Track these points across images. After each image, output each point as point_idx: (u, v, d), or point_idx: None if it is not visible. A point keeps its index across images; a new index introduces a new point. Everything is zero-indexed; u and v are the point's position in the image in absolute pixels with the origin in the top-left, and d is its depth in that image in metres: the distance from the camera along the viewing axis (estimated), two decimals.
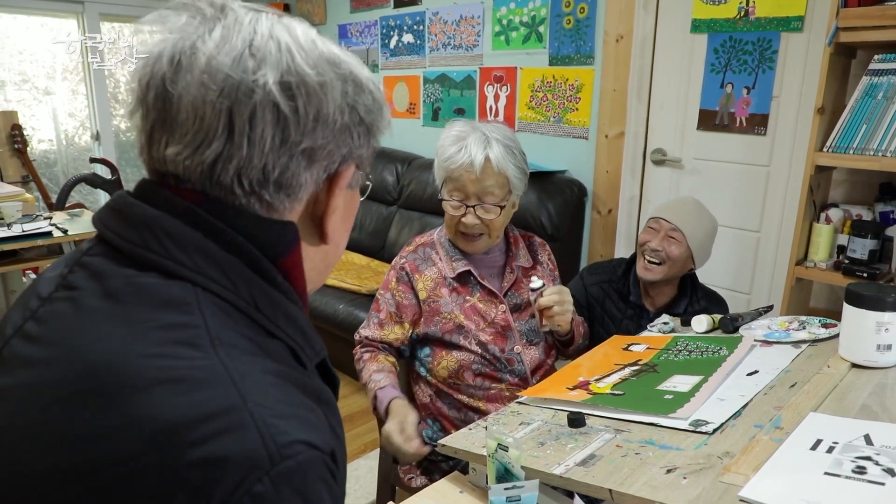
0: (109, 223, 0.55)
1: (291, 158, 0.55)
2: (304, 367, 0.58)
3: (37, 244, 2.56)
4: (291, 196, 0.57)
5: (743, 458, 0.90)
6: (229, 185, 0.54)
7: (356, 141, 0.60)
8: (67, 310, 0.52)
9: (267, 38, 0.54)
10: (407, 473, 1.58)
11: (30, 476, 0.46)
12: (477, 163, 1.40)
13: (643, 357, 1.36)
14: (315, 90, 0.54)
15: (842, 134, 1.88)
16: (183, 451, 0.44)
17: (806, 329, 1.41)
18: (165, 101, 0.53)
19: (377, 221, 3.56)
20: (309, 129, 0.55)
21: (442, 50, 3.45)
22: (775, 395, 1.11)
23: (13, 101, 4.21)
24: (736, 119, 2.44)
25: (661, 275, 1.70)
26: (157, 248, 0.52)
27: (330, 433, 0.52)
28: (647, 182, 2.79)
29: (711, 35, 2.45)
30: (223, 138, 0.52)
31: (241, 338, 0.52)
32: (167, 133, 0.53)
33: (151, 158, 0.55)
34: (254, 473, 0.44)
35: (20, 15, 3.99)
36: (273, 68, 0.53)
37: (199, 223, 0.53)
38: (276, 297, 0.56)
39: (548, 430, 1.08)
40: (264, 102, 0.52)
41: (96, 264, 0.53)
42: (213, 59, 0.52)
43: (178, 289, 0.51)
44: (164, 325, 0.49)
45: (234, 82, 0.52)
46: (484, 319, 1.51)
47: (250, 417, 0.46)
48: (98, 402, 0.46)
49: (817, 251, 2.05)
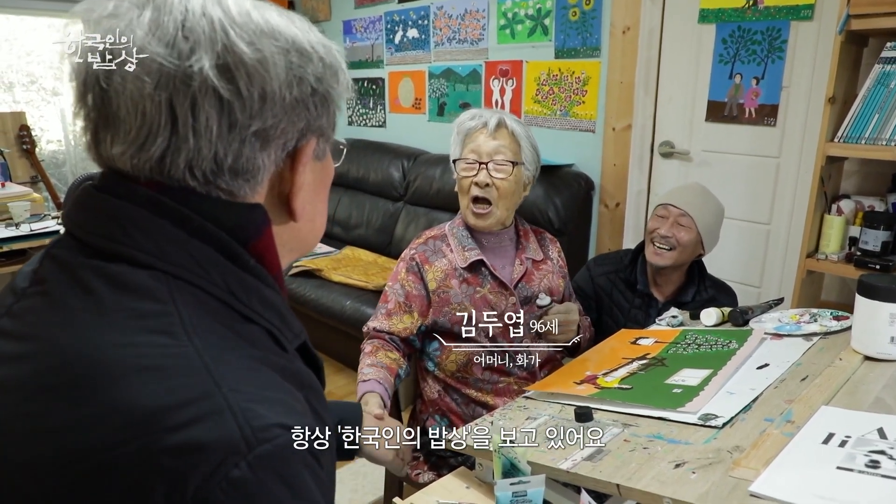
0: (75, 216, 0.54)
1: (243, 143, 0.52)
2: (284, 351, 0.57)
3: (45, 243, 2.56)
4: (251, 180, 0.55)
5: (753, 452, 0.88)
6: (181, 178, 0.52)
7: (312, 112, 0.57)
8: (39, 304, 0.51)
9: (199, 16, 0.50)
10: (414, 469, 1.57)
11: (9, 470, 0.46)
12: (491, 123, 1.50)
13: (651, 351, 1.35)
14: (255, 68, 0.51)
15: (853, 123, 1.85)
16: (159, 438, 0.43)
17: (817, 322, 1.38)
18: (104, 99, 0.51)
19: (383, 217, 3.56)
20: (256, 111, 0.52)
21: (447, 44, 3.44)
22: (786, 388, 1.09)
23: (21, 102, 4.24)
24: (745, 110, 2.41)
25: (671, 260, 1.69)
26: (123, 239, 0.51)
27: (312, 417, 0.51)
28: (655, 175, 2.76)
29: (719, 25, 2.42)
30: (167, 132, 0.50)
31: (216, 324, 0.51)
32: (111, 132, 0.51)
33: (100, 157, 0.54)
34: (231, 458, 0.44)
35: (27, 16, 4.00)
36: (208, 51, 0.50)
37: (165, 212, 0.52)
38: (249, 281, 0.55)
39: (555, 425, 1.06)
40: (203, 89, 0.50)
41: (64, 256, 0.52)
42: (144, 48, 0.49)
43: (149, 278, 0.50)
44: (136, 314, 0.49)
45: (168, 72, 0.49)
46: (494, 311, 1.50)
47: (225, 403, 0.46)
48: (74, 393, 0.46)
49: (829, 243, 2.02)
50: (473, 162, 1.50)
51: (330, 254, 3.40)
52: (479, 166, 1.49)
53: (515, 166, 1.49)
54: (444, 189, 3.21)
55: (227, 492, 0.43)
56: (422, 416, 1.60)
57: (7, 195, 2.96)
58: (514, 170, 1.49)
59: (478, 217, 1.51)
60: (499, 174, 1.48)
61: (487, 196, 1.49)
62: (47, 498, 0.44)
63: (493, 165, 1.48)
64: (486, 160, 1.49)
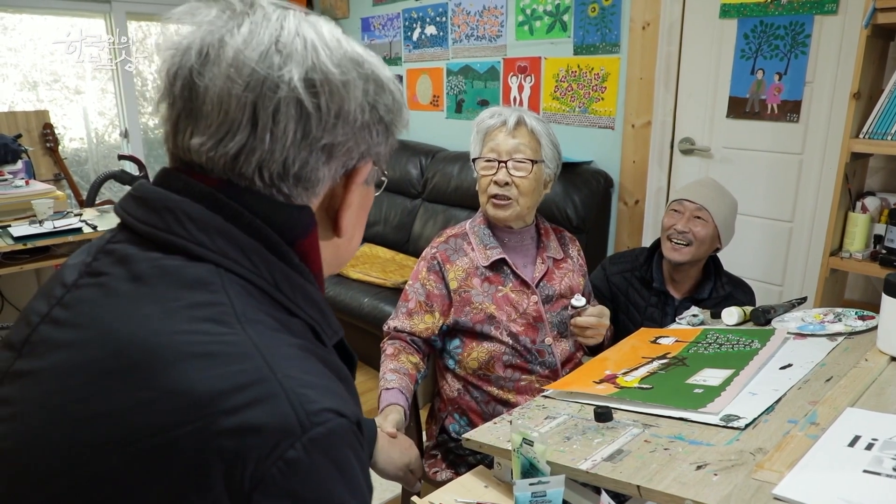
0: (131, 210, 0.56)
1: (311, 153, 0.56)
2: (323, 345, 0.60)
3: (67, 240, 2.60)
4: (309, 189, 0.59)
5: (777, 454, 0.87)
6: (250, 177, 0.56)
7: (375, 139, 0.61)
8: (95, 294, 0.54)
9: (294, 35, 0.55)
10: (432, 467, 1.57)
11: (69, 451, 0.47)
12: (511, 121, 1.50)
13: (672, 350, 1.33)
14: (338, 88, 0.56)
15: (879, 119, 1.82)
16: (217, 420, 0.46)
17: (842, 321, 1.36)
18: (192, 92, 0.54)
19: (401, 215, 3.56)
20: (330, 126, 0.56)
21: (465, 41, 3.43)
22: (810, 389, 1.08)
23: (45, 101, 4.30)
24: (767, 106, 2.38)
25: (689, 255, 1.68)
26: (181, 232, 0.54)
27: (353, 404, 0.54)
28: (675, 172, 2.73)
29: (741, 20, 2.38)
30: (247, 131, 0.54)
31: (265, 315, 0.54)
32: (192, 123, 0.55)
33: (176, 147, 0.57)
34: (286, 440, 0.46)
35: (50, 16, 4.06)
36: (298, 65, 0.54)
37: (220, 207, 0.55)
38: (294, 278, 0.58)
39: (574, 425, 1.06)
40: (288, 98, 0.54)
41: (121, 250, 0.55)
42: (240, 53, 0.53)
43: (203, 270, 0.53)
44: (191, 303, 0.51)
45: (259, 77, 0.53)
46: (516, 310, 1.50)
47: (280, 387, 0.48)
48: (133, 378, 0.48)
49: (853, 241, 1.99)
50: (493, 160, 1.49)
51: None
52: (498, 165, 1.49)
53: (535, 164, 1.48)
54: (462, 186, 3.20)
55: (283, 471, 0.45)
56: (440, 414, 1.60)
57: (31, 193, 3.01)
58: (534, 168, 1.48)
59: (497, 208, 1.51)
60: (518, 172, 1.48)
61: (507, 194, 1.48)
62: (108, 477, 0.46)
63: (513, 164, 1.48)
64: (505, 158, 1.48)
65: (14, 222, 2.72)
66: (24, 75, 4.22)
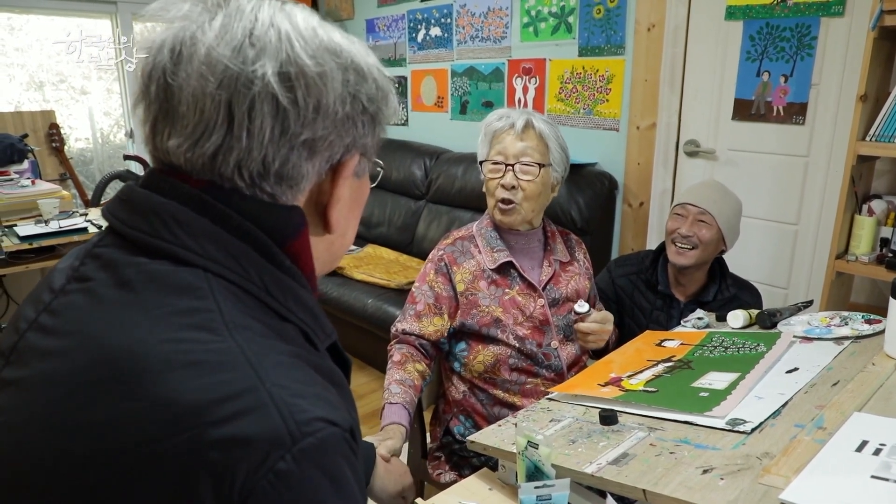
0: (118, 213, 0.55)
1: (292, 150, 0.55)
2: (316, 350, 0.58)
3: (73, 240, 2.61)
4: (294, 187, 0.57)
5: (783, 459, 0.87)
6: (230, 177, 0.54)
7: (360, 130, 0.59)
8: (81, 300, 0.52)
9: (267, 27, 0.53)
10: (436, 469, 1.57)
11: (54, 462, 0.46)
12: (519, 124, 1.48)
13: (677, 353, 1.33)
14: (314, 80, 0.54)
15: (886, 122, 1.81)
16: (205, 431, 0.44)
17: (848, 325, 1.35)
18: (167, 92, 0.53)
19: (405, 216, 3.56)
20: (309, 120, 0.54)
21: (470, 43, 3.43)
22: (817, 393, 1.07)
23: (51, 101, 4.31)
24: (773, 108, 2.37)
25: (694, 259, 1.67)
26: (167, 236, 0.52)
27: (346, 411, 0.52)
28: (680, 174, 2.73)
29: (747, 22, 2.38)
30: (223, 130, 0.52)
31: (255, 321, 0.52)
32: (169, 125, 0.54)
33: (155, 149, 0.56)
34: (276, 451, 0.45)
35: (56, 17, 4.07)
36: (272, 59, 0.52)
37: (207, 209, 0.54)
38: (285, 281, 0.57)
39: (579, 428, 1.05)
40: (263, 94, 0.52)
41: (107, 254, 0.54)
42: (212, 50, 0.52)
43: (190, 275, 0.52)
44: (178, 310, 0.50)
45: (232, 74, 0.51)
46: (522, 313, 1.49)
47: (269, 397, 0.47)
48: (119, 388, 0.46)
49: (859, 244, 1.98)
50: (500, 163, 1.49)
51: (352, 252, 3.41)
52: (505, 168, 1.48)
53: (542, 168, 1.48)
54: (467, 188, 3.20)
55: (273, 484, 0.44)
56: (445, 416, 1.60)
57: (36, 192, 3.02)
58: (541, 171, 1.47)
59: (503, 213, 1.50)
60: (525, 176, 1.47)
61: (513, 198, 1.47)
62: (94, 490, 0.45)
63: (520, 167, 1.47)
64: (512, 162, 1.47)
65: (20, 222, 2.73)
66: (30, 75, 4.23)
